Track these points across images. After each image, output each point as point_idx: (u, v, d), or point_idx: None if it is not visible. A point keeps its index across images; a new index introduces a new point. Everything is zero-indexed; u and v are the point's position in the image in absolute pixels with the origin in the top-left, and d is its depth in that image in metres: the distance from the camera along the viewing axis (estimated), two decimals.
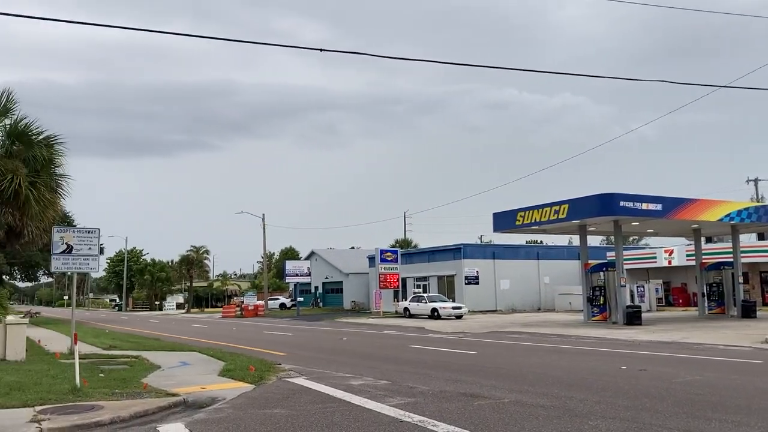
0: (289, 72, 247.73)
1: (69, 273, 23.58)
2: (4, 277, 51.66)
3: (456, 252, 50.45)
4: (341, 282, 65.78)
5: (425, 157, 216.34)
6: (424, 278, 53.38)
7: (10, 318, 19.31)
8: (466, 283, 48.63)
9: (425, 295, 45.14)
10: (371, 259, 56.07)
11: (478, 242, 72.97)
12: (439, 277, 51.66)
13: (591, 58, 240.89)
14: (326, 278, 68.44)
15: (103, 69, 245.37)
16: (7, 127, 16.53)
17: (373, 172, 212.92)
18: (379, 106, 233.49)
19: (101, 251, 21.14)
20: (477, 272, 49.25)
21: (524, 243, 64.11)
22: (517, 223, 32.41)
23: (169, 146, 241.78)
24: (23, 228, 24.95)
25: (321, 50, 12.63)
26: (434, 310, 40.58)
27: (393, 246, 69.34)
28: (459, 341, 23.24)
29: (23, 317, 25.30)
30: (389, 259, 48.33)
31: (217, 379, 13.23)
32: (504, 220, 33.42)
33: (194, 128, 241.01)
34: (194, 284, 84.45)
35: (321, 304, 68.24)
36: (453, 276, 50.01)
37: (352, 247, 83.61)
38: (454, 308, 40.50)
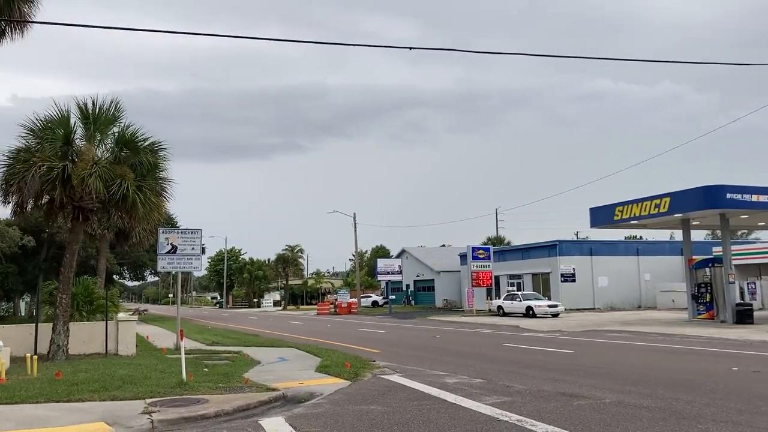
0: (377, 72, 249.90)
1: (173, 272, 24.84)
2: (114, 276, 54.85)
3: (551, 249, 49.27)
4: (432, 280, 65.69)
5: (516, 152, 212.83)
6: (518, 276, 52.46)
7: (121, 315, 20.47)
8: (561, 281, 47.40)
9: (519, 293, 44.35)
10: (463, 256, 55.67)
11: (574, 238, 70.95)
12: (534, 275, 50.62)
13: (688, 44, 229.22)
14: (417, 276, 68.55)
15: (200, 76, 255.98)
16: (116, 134, 17.47)
17: (462, 169, 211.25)
18: (468, 102, 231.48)
19: (203, 251, 22.04)
20: (573, 269, 47.91)
21: (623, 239, 61.73)
22: (616, 218, 31.26)
23: (264, 149, 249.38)
24: (131, 230, 26.47)
25: (411, 48, 12.62)
26: (529, 308, 39.80)
27: (485, 243, 68.50)
28: (555, 340, 22.68)
29: (132, 315, 26.76)
30: (481, 256, 47.79)
31: (314, 374, 13.50)
32: (601, 215, 32.32)
33: (287, 131, 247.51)
34: (290, 282, 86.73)
35: (413, 302, 68.42)
36: (548, 273, 48.88)
37: (443, 245, 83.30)
38: (549, 306, 39.59)
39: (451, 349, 19.84)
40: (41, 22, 13.98)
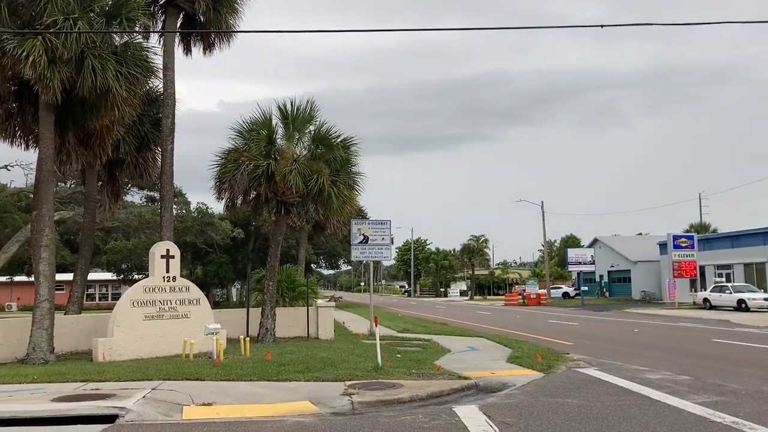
0: (562, 55, 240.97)
1: (365, 261, 25.89)
2: (311, 265, 58.47)
3: (766, 236, 44.30)
4: (628, 270, 62.08)
5: (719, 131, 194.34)
6: (727, 266, 47.79)
7: (319, 302, 21.77)
8: None
9: (729, 284, 40.43)
10: (662, 245, 51.90)
11: None
12: (746, 265, 45.78)
13: None
14: (612, 266, 65.18)
15: (384, 73, 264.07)
16: (312, 132, 18.58)
17: (657, 152, 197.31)
18: (663, 80, 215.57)
19: (391, 241, 22.75)
20: None
21: None
22: None
23: (448, 140, 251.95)
24: (326, 222, 28.03)
25: (602, 26, 11.95)
26: (741, 301, 36.17)
27: (687, 231, 63.39)
28: None
29: (329, 301, 28.36)
30: (684, 245, 44.28)
31: (505, 365, 13.36)
32: None
33: (471, 120, 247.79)
34: (475, 272, 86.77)
35: (607, 294, 65.22)
36: (763, 263, 43.97)
37: (639, 234, 78.37)
38: (766, 299, 35.67)
39: (652, 344, 18.61)
40: (245, 31, 15.30)
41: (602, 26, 11.96)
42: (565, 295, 66.59)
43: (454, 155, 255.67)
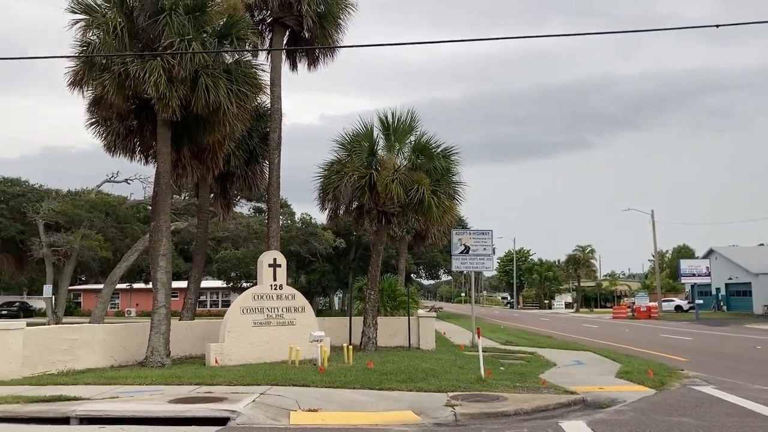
0: (671, 57, 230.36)
1: (466, 272, 25.72)
2: (411, 275, 58.68)
3: None
4: (749, 283, 58.17)
5: None
6: None
7: (421, 312, 21.79)
8: None
9: None
10: None
11: None
12: None
13: None
14: (729, 279, 61.31)
15: (482, 81, 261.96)
16: (412, 143, 18.71)
17: None
18: None
19: (493, 251, 22.45)
20: None
21: None
22: None
23: (549, 147, 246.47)
24: (426, 232, 28.06)
25: (717, 26, 11.34)
26: None
27: None
28: None
29: (430, 311, 28.32)
30: None
31: (613, 380, 12.85)
32: None
33: (573, 127, 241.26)
34: (581, 284, 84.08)
35: (724, 308, 61.37)
36: None
37: (761, 244, 73.32)
38: None
39: None
40: (349, 46, 15.65)
41: (717, 26, 11.36)
42: (678, 308, 63.24)
43: (556, 163, 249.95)
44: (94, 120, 16.88)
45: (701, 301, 55.42)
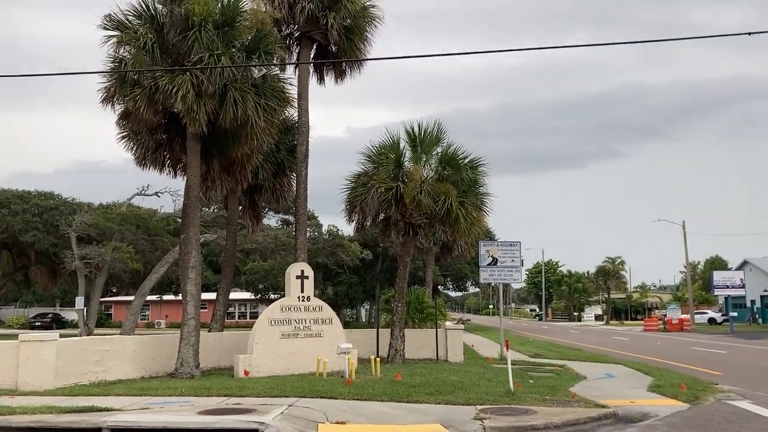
0: (702, 66, 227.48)
1: (494, 284, 25.51)
2: (439, 287, 58.43)
3: None
4: None
5: None
6: None
7: (448, 324, 21.67)
8: None
9: None
10: None
11: None
12: None
13: None
14: (765, 291, 60.00)
15: (509, 91, 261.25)
16: (439, 154, 18.70)
17: None
18: None
19: (521, 263, 22.27)
20: None
21: None
22: None
23: (576, 157, 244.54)
24: (454, 243, 27.96)
25: (749, 34, 11.19)
26: None
27: None
28: None
29: (457, 324, 28.13)
30: None
31: (645, 394, 12.63)
32: None
33: (601, 137, 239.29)
34: (611, 295, 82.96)
35: (760, 321, 60.03)
36: None
37: None
38: None
39: None
40: (375, 59, 15.75)
41: (750, 33, 11.21)
42: (711, 320, 62.00)
43: (583, 173, 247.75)
44: (125, 134, 17.18)
45: (735, 314, 54.30)
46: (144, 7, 15.42)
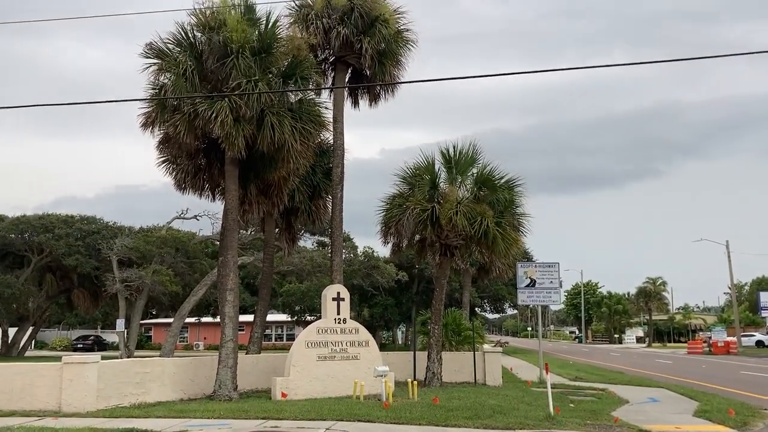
0: (741, 83, 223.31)
1: (532, 305, 25.21)
2: (476, 309, 57.86)
3: None
4: None
5: None
6: None
7: (486, 347, 21.42)
8: None
9: None
10: None
11: None
12: None
13: None
14: None
15: (546, 111, 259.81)
16: (475, 175, 18.66)
17: None
18: None
19: (560, 284, 21.95)
20: None
21: None
22: None
23: (615, 177, 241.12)
24: (491, 265, 27.68)
25: None
26: None
27: None
28: None
29: (495, 346, 27.79)
30: None
31: (691, 419, 12.27)
32: None
33: (640, 156, 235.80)
34: (653, 317, 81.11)
35: None
36: None
37: None
38: None
39: None
40: (409, 82, 15.84)
41: None
42: (759, 343, 60.08)
43: (623, 192, 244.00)
44: (164, 159, 17.51)
45: None
46: (183, 35, 15.80)
